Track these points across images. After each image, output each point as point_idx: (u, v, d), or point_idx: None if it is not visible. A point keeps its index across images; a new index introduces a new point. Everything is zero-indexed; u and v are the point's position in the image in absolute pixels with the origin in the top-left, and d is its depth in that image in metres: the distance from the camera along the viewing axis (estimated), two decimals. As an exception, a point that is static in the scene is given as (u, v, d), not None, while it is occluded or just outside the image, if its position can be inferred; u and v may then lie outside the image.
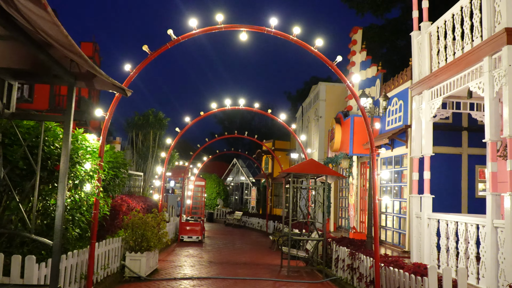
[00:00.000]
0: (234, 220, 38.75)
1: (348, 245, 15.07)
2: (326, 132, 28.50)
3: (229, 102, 18.51)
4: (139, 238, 13.82)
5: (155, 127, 25.31)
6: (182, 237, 25.20)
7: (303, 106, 35.43)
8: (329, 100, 28.84)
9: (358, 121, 20.54)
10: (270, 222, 32.69)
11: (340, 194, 26.09)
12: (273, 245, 24.48)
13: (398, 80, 18.87)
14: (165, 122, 25.88)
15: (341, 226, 25.83)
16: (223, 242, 26.35)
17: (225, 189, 49.37)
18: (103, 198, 10.86)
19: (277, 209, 43.16)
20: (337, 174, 15.83)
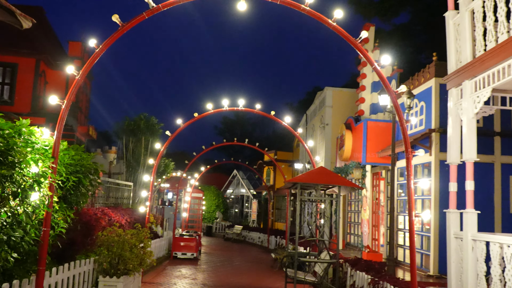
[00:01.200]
0: (234, 235, 36.13)
1: (366, 269, 12.52)
2: (333, 140, 26.01)
3: (226, 103, 16.04)
4: (115, 259, 11.25)
5: (146, 134, 22.85)
6: (176, 254, 22.64)
7: (307, 114, 32.99)
8: (336, 106, 26.39)
9: (372, 126, 18.05)
10: (271, 237, 30.10)
11: (349, 208, 23.52)
12: (275, 263, 21.89)
13: (418, 79, 16.40)
14: (158, 128, 23.39)
15: (349, 243, 23.23)
16: (221, 260, 23.77)
17: (224, 201, 46.76)
18: (60, 211, 8.32)
19: (279, 223, 40.52)
20: (352, 184, 13.30)
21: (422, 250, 15.75)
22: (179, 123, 15.98)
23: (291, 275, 13.67)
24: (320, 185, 13.44)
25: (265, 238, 31.50)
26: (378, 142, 17.99)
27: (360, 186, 13.66)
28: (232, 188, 51.80)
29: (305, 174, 13.55)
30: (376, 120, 18.54)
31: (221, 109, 16.21)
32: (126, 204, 21.15)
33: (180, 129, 15.96)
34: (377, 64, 8.24)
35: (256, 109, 16.36)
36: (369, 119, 18.65)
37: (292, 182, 13.36)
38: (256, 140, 79.80)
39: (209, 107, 16.03)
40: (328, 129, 26.37)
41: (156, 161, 15.88)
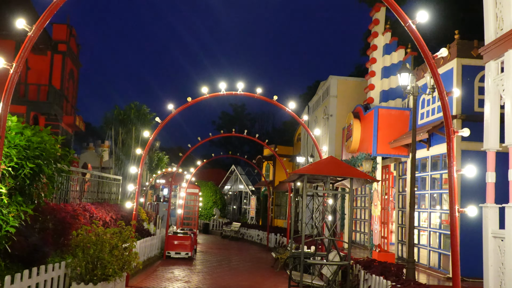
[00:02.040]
0: (232, 232, 34.45)
1: (382, 272, 10.87)
2: (337, 132, 24.33)
3: (224, 86, 14.36)
4: (91, 263, 9.57)
5: (137, 124, 21.15)
6: (169, 253, 20.97)
7: (310, 105, 31.29)
8: (341, 96, 24.70)
9: (384, 114, 16.39)
10: (271, 235, 28.43)
11: (355, 203, 21.86)
12: (276, 263, 20.23)
13: (436, 61, 14.70)
14: (150, 118, 21.68)
15: (354, 242, 21.58)
16: (218, 259, 22.10)
17: (222, 198, 45.06)
18: (13, 206, 6.62)
19: (279, 220, 38.88)
20: (367, 176, 11.63)
21: (440, 250, 14.11)
22: (170, 108, 14.28)
23: (296, 279, 12.01)
24: (330, 178, 11.76)
25: (264, 236, 29.84)
26: (390, 131, 16.33)
27: (376, 179, 11.98)
28: (230, 184, 50.12)
29: (313, 164, 11.90)
30: (388, 107, 16.84)
31: (218, 93, 14.53)
32: (114, 200, 19.47)
33: (172, 115, 14.27)
34: (411, 22, 6.53)
35: (257, 93, 14.66)
36: (381, 106, 16.97)
37: (298, 174, 11.71)
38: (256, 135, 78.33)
39: (205, 91, 14.34)
40: (332, 120, 24.69)
41: (145, 150, 14.18)
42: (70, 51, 24.82)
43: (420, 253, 15.33)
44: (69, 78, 25.16)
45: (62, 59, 23.51)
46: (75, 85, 26.74)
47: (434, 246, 14.36)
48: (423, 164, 15.54)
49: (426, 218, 15.15)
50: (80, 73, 27.75)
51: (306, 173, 11.43)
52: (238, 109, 77.43)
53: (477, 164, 13.04)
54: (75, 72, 26.70)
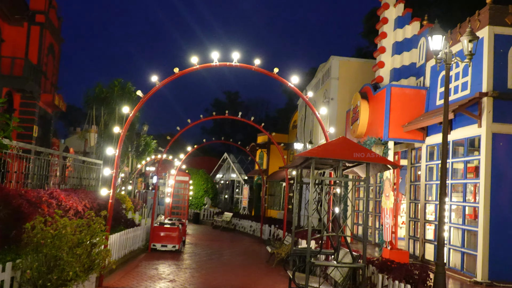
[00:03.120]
0: (223, 222, 32.43)
1: (405, 278, 8.89)
2: (339, 117, 22.35)
3: (216, 56, 12.28)
4: (44, 264, 7.49)
5: (121, 103, 18.97)
6: (155, 246, 18.95)
7: (307, 89, 29.20)
8: (343, 78, 22.68)
9: (398, 93, 14.35)
10: (265, 227, 26.43)
11: (357, 194, 19.89)
12: (271, 258, 18.28)
13: (461, 31, 12.68)
14: (135, 96, 19.48)
15: (356, 236, 19.63)
16: (208, 252, 20.10)
17: (213, 186, 42.97)
18: None
19: (272, 211, 36.94)
20: (388, 161, 9.63)
21: (463, 249, 12.16)
22: (154, 81, 12.18)
23: (300, 282, 10.00)
24: (342, 162, 9.73)
25: (257, 227, 27.86)
26: (404, 113, 14.32)
27: (398, 164, 9.92)
28: (222, 172, 48.05)
29: (323, 146, 9.85)
30: (402, 86, 14.79)
31: (209, 64, 12.42)
32: (93, 186, 17.35)
33: (157, 88, 12.16)
34: None
35: (255, 65, 12.56)
36: (395, 84, 14.91)
37: (304, 157, 9.67)
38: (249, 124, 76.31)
39: (195, 61, 12.24)
40: (333, 104, 22.65)
41: (124, 128, 12.07)
42: (49, 23, 22.50)
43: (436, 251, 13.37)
44: (48, 53, 22.83)
45: (40, 31, 21.23)
46: (56, 61, 24.39)
47: (456, 244, 12.39)
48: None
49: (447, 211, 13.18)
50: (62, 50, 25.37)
51: (314, 156, 9.39)
52: (232, 96, 75.23)
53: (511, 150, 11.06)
54: (55, 47, 24.33)
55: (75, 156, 16.54)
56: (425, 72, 14.66)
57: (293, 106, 65.42)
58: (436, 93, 13.75)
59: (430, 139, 13.87)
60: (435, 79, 13.96)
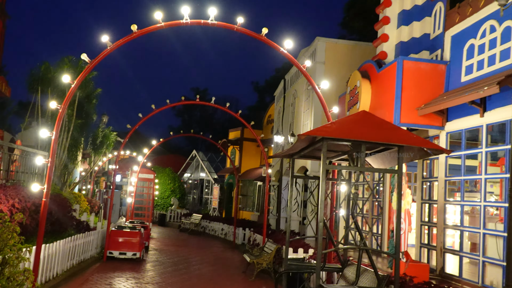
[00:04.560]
0: (191, 225, 29.30)
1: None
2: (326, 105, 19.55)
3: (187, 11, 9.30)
4: None
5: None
6: (111, 254, 15.84)
7: (286, 79, 26.38)
8: (330, 62, 19.96)
9: (411, 68, 11.60)
10: (239, 230, 23.47)
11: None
12: (249, 268, 15.40)
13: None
14: (90, 77, 16.29)
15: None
16: (174, 261, 17.08)
17: (181, 186, 39.72)
18: None
19: (245, 212, 33.96)
20: (431, 144, 6.86)
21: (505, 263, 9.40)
22: (105, 41, 9.12)
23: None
24: (364, 145, 6.86)
25: (230, 231, 24.89)
26: (419, 93, 11.60)
27: (445, 149, 7.06)
28: (190, 171, 44.81)
29: (338, 122, 6.98)
30: (417, 59, 12.01)
31: (178, 22, 9.44)
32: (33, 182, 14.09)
33: (108, 51, 9.16)
34: None
35: (238, 24, 9.60)
36: (408, 57, 12.11)
37: (312, 136, 6.80)
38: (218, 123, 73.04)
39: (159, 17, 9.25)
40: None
41: (64, 102, 8.99)
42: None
43: (462, 264, 10.64)
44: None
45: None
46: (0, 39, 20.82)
47: (493, 256, 9.64)
48: (472, 136, 10.87)
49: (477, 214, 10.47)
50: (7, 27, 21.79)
51: (327, 137, 6.52)
52: (200, 93, 71.52)
53: None
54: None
55: (11, 145, 13.29)
56: (443, 43, 11.97)
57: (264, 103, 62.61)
58: (461, 68, 11.06)
59: (451, 124, 11.16)
60: (458, 51, 11.28)
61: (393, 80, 11.66)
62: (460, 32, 11.25)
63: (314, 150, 7.95)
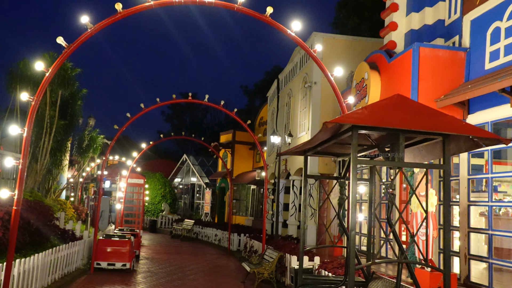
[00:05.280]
0: (183, 231, 27.84)
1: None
2: (324, 104, 18.36)
3: None
4: None
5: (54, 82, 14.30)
6: (99, 264, 14.42)
7: (280, 78, 25.08)
8: (328, 58, 18.67)
9: (428, 57, 10.36)
10: (233, 236, 22.07)
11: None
12: (248, 278, 14.02)
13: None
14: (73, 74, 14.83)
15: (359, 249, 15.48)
16: (167, 271, 15.68)
17: (172, 191, 38.23)
18: None
19: (238, 217, 32.57)
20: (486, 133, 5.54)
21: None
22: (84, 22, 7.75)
23: None
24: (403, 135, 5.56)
25: (224, 236, 23.50)
26: (437, 83, 10.34)
27: (505, 138, 5.75)
28: (181, 176, 43.30)
29: (369, 108, 5.63)
30: (434, 46, 10.73)
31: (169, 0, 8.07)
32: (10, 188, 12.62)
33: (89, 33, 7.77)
34: None
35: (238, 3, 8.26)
36: (426, 44, 10.82)
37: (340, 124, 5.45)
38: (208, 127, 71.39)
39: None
40: (316, 89, 18.61)
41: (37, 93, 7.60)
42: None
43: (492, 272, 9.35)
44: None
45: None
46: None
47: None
48: (498, 128, 9.62)
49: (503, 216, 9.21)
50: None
51: (358, 124, 5.22)
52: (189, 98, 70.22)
53: None
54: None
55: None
56: (461, 29, 10.75)
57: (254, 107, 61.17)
58: (484, 54, 9.84)
59: (474, 117, 9.91)
60: (480, 36, 10.05)
61: (408, 70, 10.40)
62: (482, 15, 10.03)
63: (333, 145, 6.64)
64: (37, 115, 14.82)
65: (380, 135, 6.12)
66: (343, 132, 5.72)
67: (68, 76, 15.08)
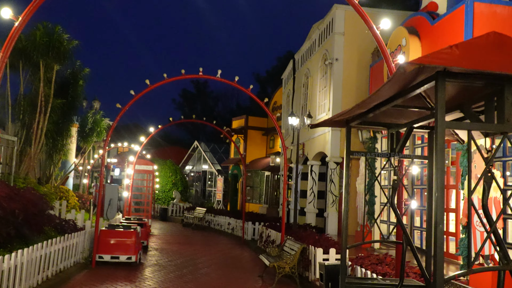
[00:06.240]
0: (195, 219, 26.22)
1: None
2: (346, 82, 16.54)
3: None
4: None
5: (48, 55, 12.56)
6: (101, 258, 12.81)
7: (296, 58, 23.19)
8: (350, 33, 16.88)
9: (485, 14, 8.44)
10: (248, 224, 20.37)
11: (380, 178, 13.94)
12: (266, 271, 12.30)
13: None
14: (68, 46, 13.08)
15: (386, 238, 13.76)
16: (177, 263, 14.05)
17: (183, 179, 36.58)
18: None
19: (251, 205, 30.88)
20: None
21: None
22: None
23: None
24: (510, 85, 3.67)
25: (237, 225, 21.82)
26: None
27: None
28: (192, 163, 41.65)
29: (461, 46, 3.72)
30: (490, 1, 8.80)
31: None
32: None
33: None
34: None
35: None
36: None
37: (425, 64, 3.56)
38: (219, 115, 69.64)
39: None
40: (338, 66, 16.75)
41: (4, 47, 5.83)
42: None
43: None
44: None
45: None
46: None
47: None
48: None
49: None
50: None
51: (451, 67, 3.35)
52: (200, 86, 68.59)
53: None
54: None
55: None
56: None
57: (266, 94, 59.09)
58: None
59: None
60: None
61: (458, 31, 8.56)
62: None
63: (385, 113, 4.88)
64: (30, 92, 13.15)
65: (461, 89, 4.29)
66: (417, 86, 3.91)
67: (64, 49, 13.38)
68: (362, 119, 5.43)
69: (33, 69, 13.45)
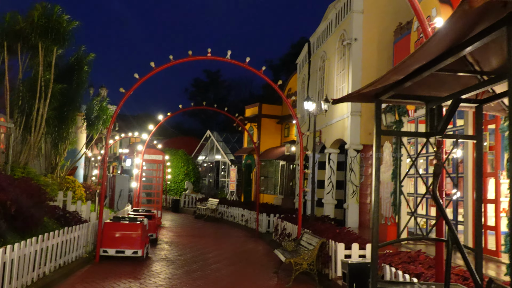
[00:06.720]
0: (208, 211, 25.44)
1: None
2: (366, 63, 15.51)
3: None
4: None
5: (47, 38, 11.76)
6: (106, 252, 12.06)
7: (311, 41, 22.16)
8: (369, 11, 15.85)
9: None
10: (262, 216, 19.52)
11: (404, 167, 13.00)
12: (281, 267, 11.43)
13: None
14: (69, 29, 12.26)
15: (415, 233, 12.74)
16: (187, 258, 13.25)
17: (195, 169, 35.82)
18: None
19: (266, 195, 30.03)
20: None
21: None
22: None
23: None
24: None
25: (251, 217, 20.97)
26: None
27: None
28: (204, 153, 40.86)
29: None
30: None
31: None
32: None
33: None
34: None
35: None
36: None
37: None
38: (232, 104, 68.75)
39: None
40: (357, 47, 15.73)
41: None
42: None
43: None
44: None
45: None
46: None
47: None
48: None
49: None
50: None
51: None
52: (213, 75, 67.70)
53: None
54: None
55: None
56: None
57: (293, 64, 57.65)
58: None
59: None
60: None
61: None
62: None
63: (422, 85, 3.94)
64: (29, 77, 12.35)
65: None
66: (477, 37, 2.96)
67: (64, 30, 12.56)
68: (396, 91, 4.48)
69: (33, 53, 12.68)
